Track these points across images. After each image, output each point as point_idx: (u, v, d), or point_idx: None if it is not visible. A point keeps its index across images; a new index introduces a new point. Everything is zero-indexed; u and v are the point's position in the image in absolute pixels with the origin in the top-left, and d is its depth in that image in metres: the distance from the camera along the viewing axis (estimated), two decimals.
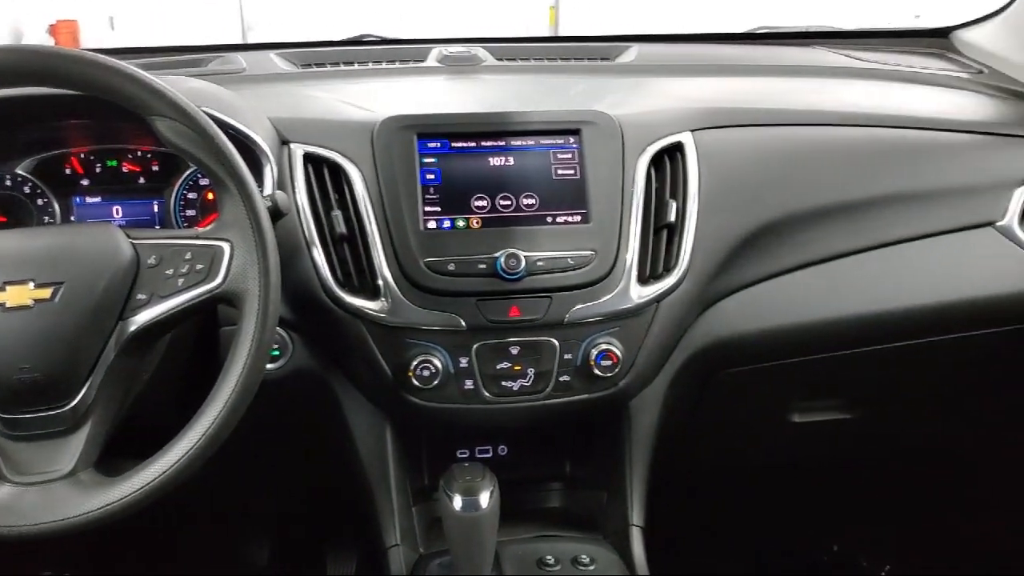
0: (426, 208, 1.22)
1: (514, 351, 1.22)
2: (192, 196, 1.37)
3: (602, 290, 1.22)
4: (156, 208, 1.37)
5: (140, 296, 0.99)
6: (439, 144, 1.26)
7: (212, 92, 1.25)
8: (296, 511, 2.05)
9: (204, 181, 1.36)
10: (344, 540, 2.02)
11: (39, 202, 1.34)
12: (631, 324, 1.24)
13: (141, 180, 1.36)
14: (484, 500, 1.10)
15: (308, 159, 1.24)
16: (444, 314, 1.19)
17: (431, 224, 1.22)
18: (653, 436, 1.35)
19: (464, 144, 1.26)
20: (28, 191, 1.33)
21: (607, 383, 1.25)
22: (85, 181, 1.35)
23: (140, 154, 1.36)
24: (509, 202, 1.24)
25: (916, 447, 1.80)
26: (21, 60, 0.96)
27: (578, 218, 1.24)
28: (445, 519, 1.13)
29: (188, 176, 1.36)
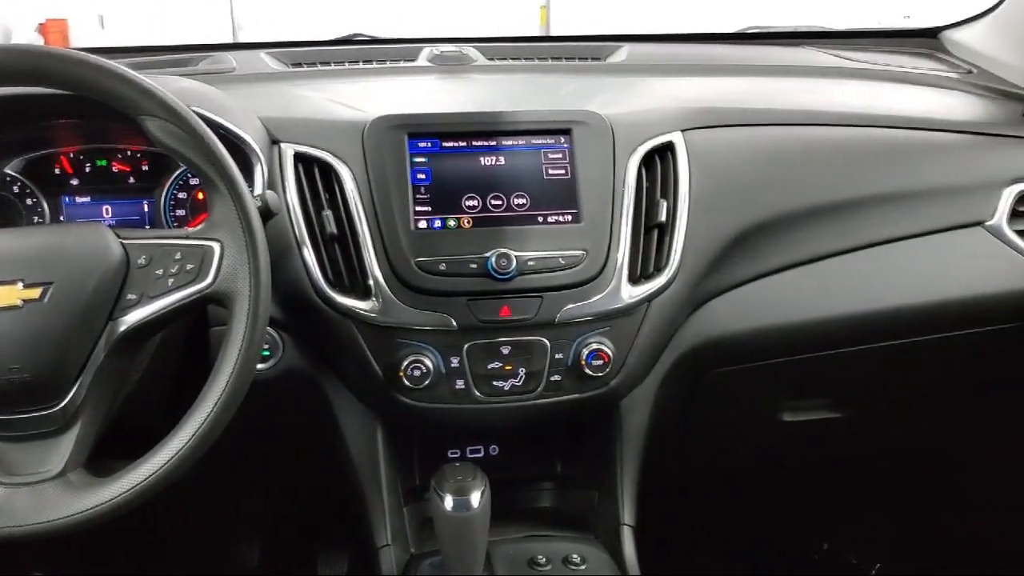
0: (417, 208, 1.22)
1: (505, 351, 1.22)
2: (182, 196, 1.36)
3: (593, 290, 1.22)
4: (146, 208, 1.37)
5: (130, 296, 0.98)
6: (430, 144, 1.25)
7: (202, 92, 1.25)
8: (287, 511, 2.04)
9: (194, 181, 1.35)
10: (335, 540, 2.01)
11: (28, 202, 1.33)
12: (622, 324, 1.24)
13: (131, 180, 1.36)
14: (475, 500, 1.10)
15: (298, 159, 1.24)
16: (435, 314, 1.19)
17: (422, 224, 1.22)
18: (644, 435, 1.35)
19: (455, 144, 1.26)
20: (17, 191, 1.33)
21: (598, 383, 1.25)
22: (75, 181, 1.35)
23: (130, 154, 1.35)
24: (500, 202, 1.24)
25: (905, 446, 1.81)
26: (10, 59, 0.96)
27: (569, 218, 1.24)
28: (436, 519, 1.13)
29: (178, 176, 1.36)
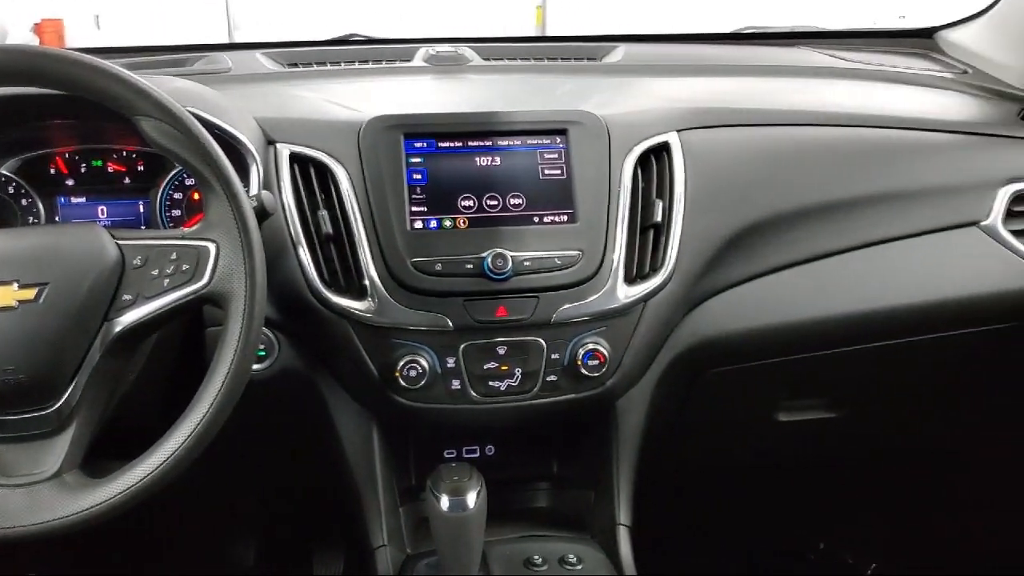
0: (413, 208, 1.22)
1: (501, 351, 1.22)
2: (178, 196, 1.36)
3: (589, 290, 1.22)
4: (141, 208, 1.36)
5: (125, 297, 0.98)
6: (425, 144, 1.25)
7: (198, 92, 1.24)
8: (283, 511, 2.04)
9: (190, 181, 1.35)
10: (331, 540, 2.01)
11: (23, 202, 1.33)
12: (618, 324, 1.24)
13: (126, 180, 1.36)
14: (471, 500, 1.10)
15: (294, 159, 1.24)
16: (431, 314, 1.19)
17: (418, 224, 1.21)
18: (640, 435, 1.36)
19: (451, 144, 1.26)
20: (12, 191, 1.33)
21: (594, 383, 1.25)
22: (70, 181, 1.34)
23: (125, 154, 1.35)
24: (496, 202, 1.24)
25: (901, 446, 1.81)
26: (5, 59, 0.96)
27: (565, 218, 1.24)
28: (432, 519, 1.13)
29: (174, 176, 1.35)
